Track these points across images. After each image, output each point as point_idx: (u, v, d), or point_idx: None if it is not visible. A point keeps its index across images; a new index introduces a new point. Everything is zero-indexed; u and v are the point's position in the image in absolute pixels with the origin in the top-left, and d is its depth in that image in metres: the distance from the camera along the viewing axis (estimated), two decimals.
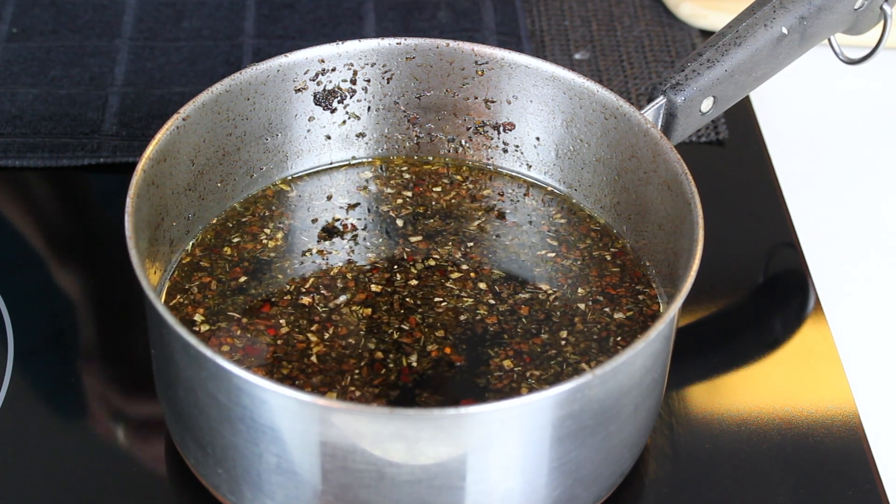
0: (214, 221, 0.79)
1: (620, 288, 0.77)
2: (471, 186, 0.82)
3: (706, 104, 0.78)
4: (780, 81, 0.93)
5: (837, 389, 0.78)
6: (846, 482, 0.74)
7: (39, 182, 0.89)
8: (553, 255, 0.78)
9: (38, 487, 0.72)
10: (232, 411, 0.64)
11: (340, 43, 0.80)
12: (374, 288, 0.76)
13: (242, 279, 0.76)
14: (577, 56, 1.00)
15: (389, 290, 0.76)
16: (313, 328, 0.74)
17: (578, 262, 0.78)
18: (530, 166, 0.82)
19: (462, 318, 0.75)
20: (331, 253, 0.78)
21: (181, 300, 0.75)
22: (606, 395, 0.65)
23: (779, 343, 0.81)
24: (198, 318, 0.74)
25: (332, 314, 0.75)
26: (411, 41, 0.80)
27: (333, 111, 0.81)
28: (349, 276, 0.77)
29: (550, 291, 0.76)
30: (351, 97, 0.81)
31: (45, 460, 0.73)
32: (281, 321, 0.74)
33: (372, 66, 0.81)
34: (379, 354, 0.72)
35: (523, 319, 0.75)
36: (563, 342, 0.74)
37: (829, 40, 0.85)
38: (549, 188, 0.82)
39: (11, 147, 0.90)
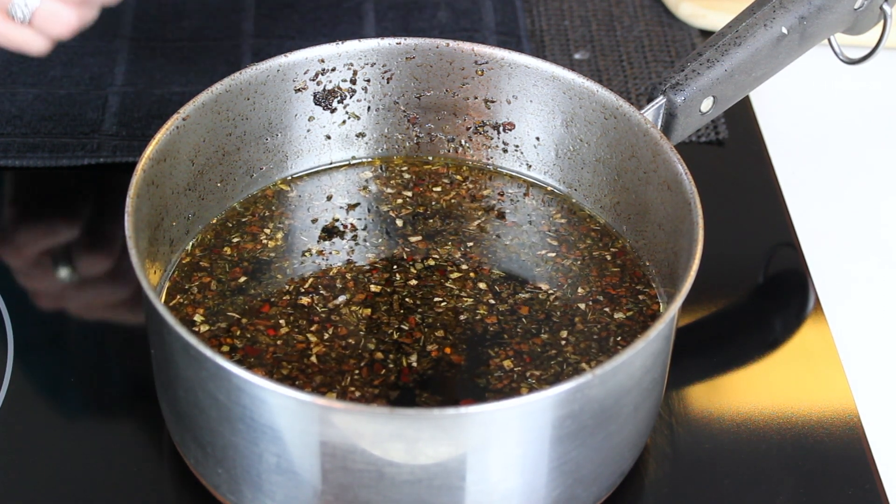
0: (214, 221, 0.79)
1: (620, 288, 0.77)
2: (471, 186, 0.82)
3: (706, 104, 0.78)
4: (780, 81, 0.93)
5: (837, 389, 0.78)
6: (846, 482, 0.74)
7: (39, 182, 0.89)
8: (553, 254, 0.79)
9: (38, 487, 0.72)
10: (232, 411, 0.64)
11: (340, 43, 0.80)
12: (373, 288, 0.76)
13: (242, 279, 0.76)
14: (577, 56, 1.00)
15: (389, 290, 0.76)
16: (313, 328, 0.74)
17: (578, 262, 0.78)
18: (530, 166, 0.82)
19: (462, 318, 0.75)
20: (331, 253, 0.78)
21: (181, 300, 0.75)
22: (606, 395, 0.65)
23: (779, 343, 0.81)
24: (198, 318, 0.74)
25: (331, 314, 0.75)
26: (411, 41, 0.80)
27: (333, 111, 0.81)
28: (349, 276, 0.77)
29: (550, 291, 0.76)
30: (351, 97, 0.81)
31: (45, 460, 0.73)
32: (281, 321, 0.74)
33: (372, 66, 0.81)
34: (379, 355, 0.72)
35: (523, 319, 0.75)
36: (563, 342, 0.74)
37: (829, 40, 0.85)
38: (549, 188, 0.82)
39: (11, 147, 0.90)
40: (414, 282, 0.77)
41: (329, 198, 0.81)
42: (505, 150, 0.83)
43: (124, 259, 0.66)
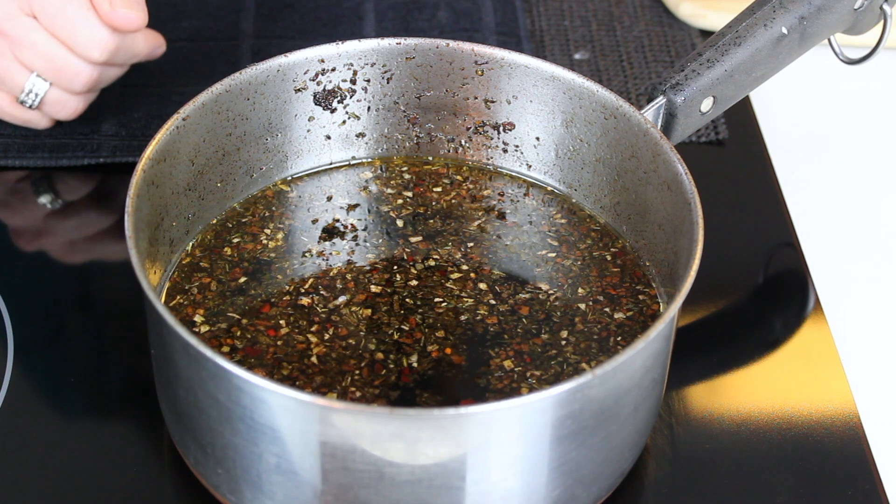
0: (214, 222, 0.79)
1: (620, 288, 0.77)
2: (471, 186, 0.82)
3: (706, 104, 0.78)
4: (780, 81, 0.93)
5: (837, 389, 0.78)
6: (846, 482, 0.74)
7: (40, 182, 0.89)
8: (553, 255, 0.79)
9: (38, 487, 0.72)
10: (232, 411, 0.64)
11: (340, 43, 0.80)
12: (373, 288, 0.76)
13: (242, 280, 0.76)
14: (577, 56, 1.00)
15: (389, 290, 0.76)
16: (313, 329, 0.74)
17: (578, 262, 0.78)
18: (530, 166, 0.82)
19: (462, 318, 0.75)
20: (331, 254, 0.78)
21: (181, 301, 0.75)
22: (606, 395, 0.65)
23: (779, 343, 0.81)
24: (198, 318, 0.74)
25: (332, 315, 0.75)
26: (411, 41, 0.80)
27: (333, 111, 0.81)
28: (349, 276, 0.77)
29: (550, 291, 0.76)
30: (351, 97, 0.81)
31: (45, 460, 0.73)
32: (281, 322, 0.74)
33: (372, 66, 0.81)
34: (379, 355, 0.72)
35: (523, 319, 0.75)
36: (563, 342, 0.74)
37: (829, 40, 0.85)
38: (549, 188, 0.82)
39: (11, 147, 0.90)
40: (414, 282, 0.77)
41: (329, 198, 0.81)
42: (505, 150, 0.83)
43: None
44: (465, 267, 0.78)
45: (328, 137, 0.82)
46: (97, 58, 0.83)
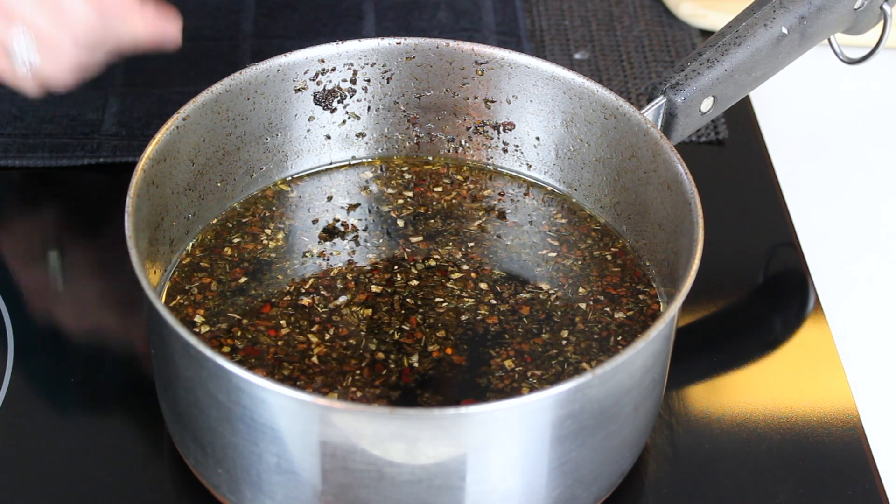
0: (214, 222, 0.79)
1: (621, 288, 0.77)
2: (471, 186, 0.82)
3: (706, 104, 0.78)
4: (780, 81, 0.93)
5: (837, 389, 0.78)
6: (846, 482, 0.74)
7: (39, 182, 0.89)
8: (554, 254, 0.79)
9: (38, 487, 0.72)
10: (232, 411, 0.64)
11: (340, 43, 0.80)
12: (374, 288, 0.76)
13: (242, 280, 0.76)
14: (577, 56, 1.00)
15: (390, 290, 0.76)
16: (314, 329, 0.74)
17: (579, 262, 0.78)
18: (530, 166, 0.82)
19: (463, 318, 0.75)
20: (331, 254, 0.78)
21: (181, 301, 0.75)
22: (606, 395, 0.65)
23: (779, 343, 0.81)
24: (198, 318, 0.74)
25: (332, 315, 0.75)
26: (411, 41, 0.80)
27: (333, 111, 0.81)
28: (349, 276, 0.77)
29: (551, 291, 0.76)
30: (351, 97, 0.81)
31: (45, 460, 0.73)
32: (281, 322, 0.74)
33: (372, 65, 0.81)
34: (380, 355, 0.72)
35: (524, 319, 0.75)
36: (563, 342, 0.74)
37: (829, 40, 0.85)
38: (550, 188, 0.82)
39: (11, 147, 0.90)
40: (415, 282, 0.77)
41: (329, 198, 0.81)
42: (505, 150, 0.83)
43: (122, 255, 0.66)
44: (465, 267, 0.78)
45: (328, 137, 0.82)
46: None
